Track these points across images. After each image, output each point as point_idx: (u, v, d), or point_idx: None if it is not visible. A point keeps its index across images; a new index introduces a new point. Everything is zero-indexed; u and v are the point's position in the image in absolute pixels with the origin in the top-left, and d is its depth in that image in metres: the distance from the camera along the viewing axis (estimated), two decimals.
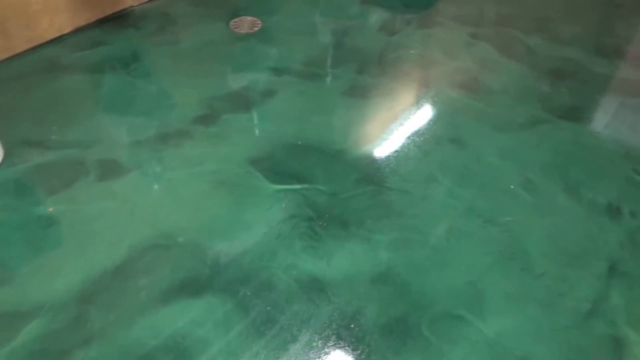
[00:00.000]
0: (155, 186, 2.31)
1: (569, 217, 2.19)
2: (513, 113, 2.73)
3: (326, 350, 1.75)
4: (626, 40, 3.35)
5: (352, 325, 1.79)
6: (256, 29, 3.38)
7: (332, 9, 3.63)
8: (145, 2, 3.64)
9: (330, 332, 1.77)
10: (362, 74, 2.99)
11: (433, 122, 2.65)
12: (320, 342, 1.76)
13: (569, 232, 2.13)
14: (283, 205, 2.21)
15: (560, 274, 1.97)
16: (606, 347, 1.77)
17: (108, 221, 2.13)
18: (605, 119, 2.70)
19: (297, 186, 2.30)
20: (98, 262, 1.97)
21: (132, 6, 3.57)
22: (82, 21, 3.33)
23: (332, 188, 2.29)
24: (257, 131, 2.59)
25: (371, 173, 2.36)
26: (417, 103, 2.79)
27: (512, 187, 2.31)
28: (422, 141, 2.54)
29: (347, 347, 1.75)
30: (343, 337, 1.77)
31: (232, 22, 3.44)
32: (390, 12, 3.61)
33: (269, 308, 1.83)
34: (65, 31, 3.25)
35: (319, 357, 1.73)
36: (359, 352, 1.74)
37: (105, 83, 2.89)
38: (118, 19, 3.44)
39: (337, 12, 3.57)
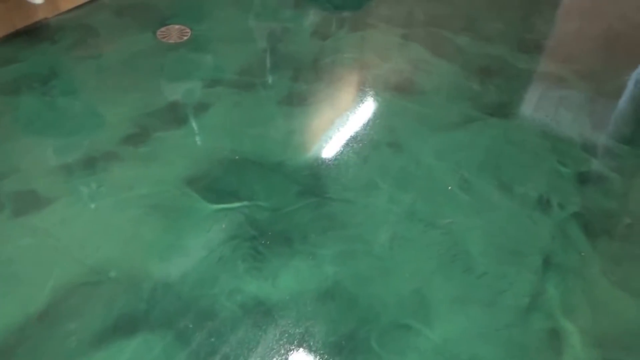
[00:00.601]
0: (82, 217, 2.14)
1: (504, 214, 2.24)
2: (447, 113, 2.76)
3: None
4: (544, 35, 3.48)
5: (301, 348, 1.74)
6: (185, 38, 3.23)
7: (263, 14, 3.53)
8: (61, 13, 3.39)
9: (279, 358, 1.72)
10: (297, 81, 2.92)
11: (370, 127, 2.64)
12: None
13: (505, 228, 2.18)
14: (223, 226, 2.12)
15: (499, 271, 2.01)
16: (546, 340, 1.82)
17: (28, 261, 1.95)
18: (529, 113, 2.79)
19: (237, 204, 2.22)
20: (19, 309, 1.80)
21: (46, 18, 3.31)
22: None
23: (274, 203, 2.23)
24: (191, 148, 2.47)
25: (312, 184, 2.32)
26: (354, 108, 2.77)
27: (449, 188, 2.33)
28: (361, 147, 2.51)
29: None
30: None
31: (159, 32, 3.27)
32: (323, 14, 3.56)
33: (212, 339, 1.74)
34: None
35: None
36: None
37: (21, 104, 2.66)
38: (31, 33, 3.18)
39: (269, 17, 3.48)
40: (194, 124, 2.60)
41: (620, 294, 1.95)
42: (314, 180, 2.33)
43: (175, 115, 2.65)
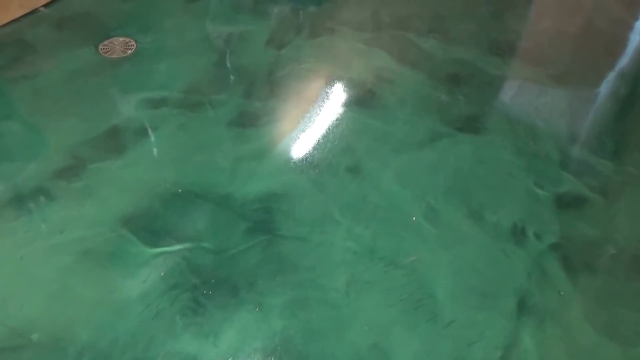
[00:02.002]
0: (5, 269, 1.88)
1: (474, 247, 2.02)
2: (412, 129, 2.53)
3: None
4: (518, 34, 3.25)
5: None
6: (130, 52, 2.94)
7: (216, 20, 3.24)
8: None
9: None
10: (249, 98, 2.66)
11: (328, 149, 2.39)
12: None
13: (476, 265, 1.96)
14: (162, 274, 1.88)
15: (468, 318, 1.79)
16: None
17: None
18: (502, 127, 2.56)
19: (178, 247, 1.97)
20: None
21: None
22: None
23: (219, 244, 1.98)
24: (130, 181, 2.21)
25: (262, 220, 2.07)
26: (311, 128, 2.51)
27: (414, 218, 2.10)
28: (317, 173, 2.27)
29: None
30: None
31: (101, 46, 2.98)
32: (281, 17, 3.29)
33: None
34: None
35: None
36: None
37: None
38: None
39: (222, 24, 3.20)
40: (134, 153, 2.33)
41: (606, 343, 1.74)
42: (264, 215, 2.09)
43: (115, 143, 2.38)
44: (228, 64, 2.88)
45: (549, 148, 2.45)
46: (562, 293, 1.87)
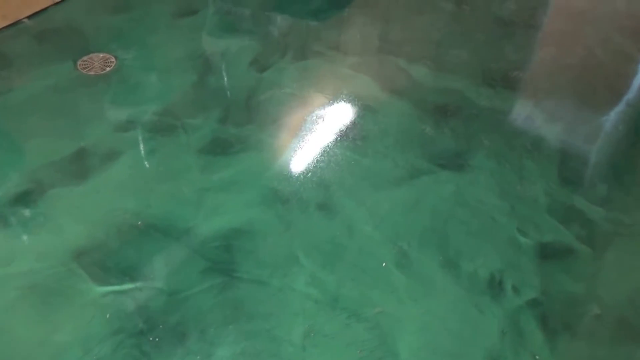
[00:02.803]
0: None
1: (445, 300, 1.87)
2: (392, 164, 2.39)
3: None
4: (514, 65, 3.10)
5: None
6: (108, 69, 2.85)
7: (199, 38, 3.14)
8: None
9: None
10: (225, 123, 2.55)
11: (301, 183, 2.27)
12: None
13: (446, 320, 1.81)
14: (107, 316, 1.75)
15: None
16: None
17: None
18: (488, 165, 2.42)
19: (129, 285, 1.85)
20: None
21: None
22: None
23: (172, 284, 1.86)
24: (89, 210, 2.10)
25: (221, 259, 1.95)
26: (285, 159, 2.38)
27: (384, 264, 1.97)
28: (286, 210, 2.14)
29: None
30: None
31: (80, 62, 2.88)
32: (268, 38, 3.18)
33: None
34: None
35: None
36: None
37: None
38: None
39: (205, 43, 3.10)
40: (97, 179, 2.22)
41: None
42: (224, 254, 1.96)
43: (78, 167, 2.27)
44: (207, 86, 2.77)
45: (537, 191, 2.31)
46: (537, 358, 1.72)
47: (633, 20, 3.61)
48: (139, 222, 2.05)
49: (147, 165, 2.29)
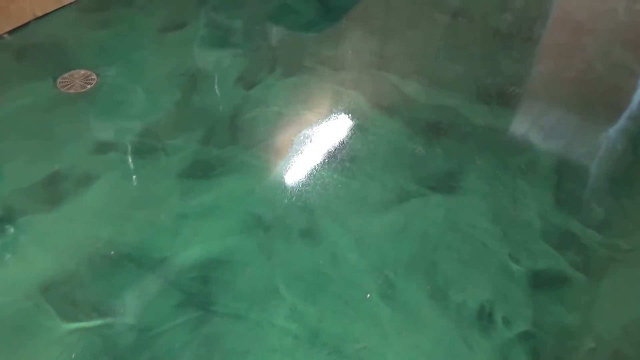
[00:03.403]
0: None
1: (432, 334, 1.80)
2: (379, 187, 2.33)
3: None
4: (510, 79, 3.04)
5: None
6: (89, 86, 2.80)
7: (185, 55, 3.08)
8: None
9: None
10: (207, 144, 2.49)
11: (284, 208, 2.20)
12: None
13: (431, 356, 1.73)
14: (72, 356, 1.69)
15: None
16: None
17: None
18: (480, 187, 2.35)
19: (98, 321, 1.78)
20: None
21: None
22: None
23: (144, 320, 1.79)
24: (60, 238, 2.04)
25: (197, 291, 1.88)
26: (269, 182, 2.32)
27: (368, 295, 1.90)
28: (267, 237, 2.08)
29: None
30: None
31: (60, 79, 2.84)
32: (257, 53, 3.13)
33: None
34: None
35: None
36: None
37: None
38: None
39: (191, 59, 3.05)
40: (70, 205, 2.16)
41: None
42: (201, 286, 1.90)
43: (52, 192, 2.21)
44: (191, 104, 2.72)
45: (531, 214, 2.24)
46: None
47: (635, 33, 3.55)
48: (112, 252, 1.99)
49: (124, 190, 2.23)
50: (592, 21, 3.67)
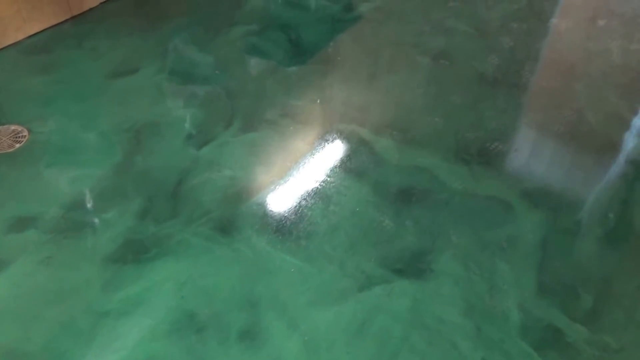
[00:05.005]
0: None
1: None
2: (338, 271, 2.09)
3: None
4: (493, 134, 2.82)
5: None
6: (18, 145, 2.58)
7: (133, 106, 2.86)
8: None
9: None
10: (144, 218, 2.26)
11: (223, 301, 1.95)
12: None
13: None
14: None
15: None
16: None
17: None
18: (454, 270, 2.13)
19: None
20: None
21: None
22: None
23: None
24: None
25: None
26: (207, 268, 2.06)
27: None
28: (200, 340, 1.82)
29: None
30: None
31: None
32: (215, 104, 2.92)
33: None
34: None
35: None
36: None
37: None
38: None
39: (139, 111, 2.82)
40: None
41: None
42: None
43: None
44: (132, 167, 2.49)
45: (509, 303, 2.00)
46: None
47: (629, 77, 3.36)
48: None
49: (38, 281, 1.98)
50: (585, 63, 3.49)
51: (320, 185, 2.46)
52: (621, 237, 2.32)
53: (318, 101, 2.99)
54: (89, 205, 2.28)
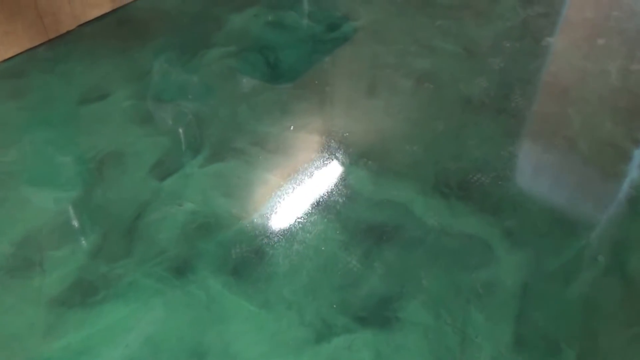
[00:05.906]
0: None
1: None
2: (296, 320, 1.98)
3: None
4: (475, 164, 2.71)
5: None
6: None
7: (100, 134, 2.79)
8: None
9: None
10: (96, 257, 2.17)
11: (171, 350, 1.83)
12: None
13: None
14: None
15: None
16: None
17: None
18: (423, 317, 2.01)
19: None
20: None
21: None
22: None
23: None
24: None
25: None
26: (155, 315, 1.96)
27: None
28: None
29: None
30: None
31: None
32: (185, 127, 2.85)
33: None
34: None
35: None
36: None
37: None
38: None
39: (105, 140, 2.75)
40: None
41: None
42: None
43: None
44: (90, 201, 2.41)
45: (482, 359, 1.89)
46: None
47: (628, 101, 3.22)
48: None
49: None
50: (580, 86, 3.36)
51: (283, 222, 2.36)
52: (611, 284, 2.18)
53: (292, 128, 2.90)
54: (40, 243, 2.20)
